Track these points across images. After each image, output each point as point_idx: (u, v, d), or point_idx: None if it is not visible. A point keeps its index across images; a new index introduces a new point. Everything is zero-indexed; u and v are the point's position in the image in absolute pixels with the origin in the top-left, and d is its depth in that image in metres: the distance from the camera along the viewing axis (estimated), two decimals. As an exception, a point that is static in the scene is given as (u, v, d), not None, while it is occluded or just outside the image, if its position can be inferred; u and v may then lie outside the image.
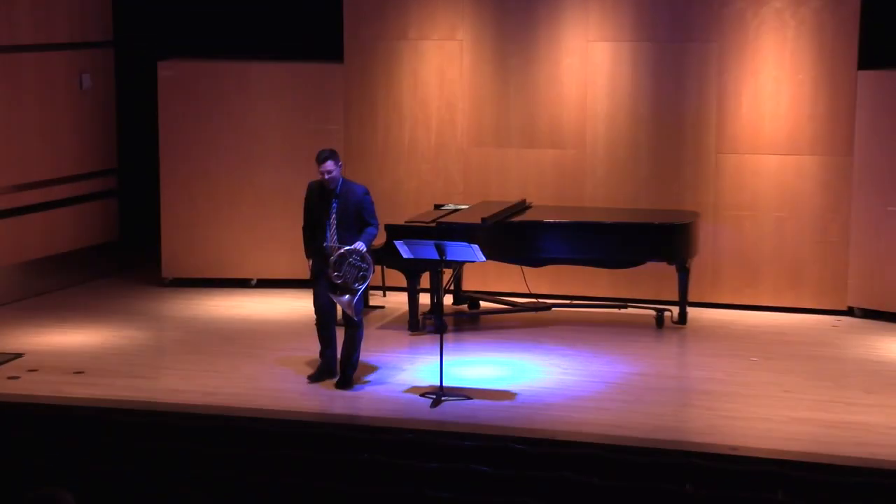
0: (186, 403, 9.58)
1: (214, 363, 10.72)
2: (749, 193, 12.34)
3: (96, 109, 13.70)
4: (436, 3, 12.91)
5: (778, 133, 12.22)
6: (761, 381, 10.22)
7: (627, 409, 9.52)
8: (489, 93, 12.86)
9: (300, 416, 9.25)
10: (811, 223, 12.24)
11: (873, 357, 10.94)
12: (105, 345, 11.29)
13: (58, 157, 13.23)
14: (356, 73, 13.13)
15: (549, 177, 12.76)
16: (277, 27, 13.80)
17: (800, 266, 12.30)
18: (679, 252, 11.68)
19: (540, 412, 9.48)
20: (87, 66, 13.57)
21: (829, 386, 10.11)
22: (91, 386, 10.06)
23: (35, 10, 12.87)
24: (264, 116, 13.20)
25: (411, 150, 13.08)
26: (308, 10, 13.63)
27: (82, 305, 12.66)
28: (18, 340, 11.33)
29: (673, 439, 8.80)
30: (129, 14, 14.00)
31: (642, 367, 10.64)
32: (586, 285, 12.54)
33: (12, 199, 12.73)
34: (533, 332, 11.70)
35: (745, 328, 11.86)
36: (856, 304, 12.20)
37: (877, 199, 11.99)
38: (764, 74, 12.23)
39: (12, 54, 12.65)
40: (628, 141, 12.57)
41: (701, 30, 12.32)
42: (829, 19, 12.03)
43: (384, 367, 10.61)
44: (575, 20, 12.58)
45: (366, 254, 9.78)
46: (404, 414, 9.37)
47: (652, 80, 12.47)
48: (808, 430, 9.03)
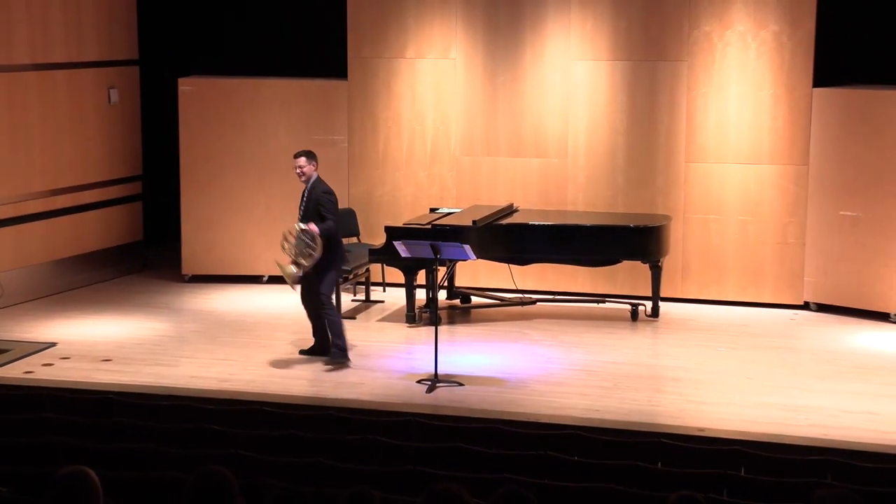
0: (204, 388, 9.59)
1: (229, 352, 10.73)
2: (715, 199, 12.36)
3: (123, 122, 13.69)
4: (431, 26, 12.91)
5: (741, 144, 12.24)
6: (726, 369, 10.25)
7: (605, 395, 9.54)
8: (480, 107, 12.87)
9: (307, 401, 9.28)
10: (771, 226, 12.26)
11: (826, 347, 10.96)
12: (130, 335, 11.29)
13: (88, 164, 13.22)
14: (359, 89, 13.13)
15: (534, 183, 12.77)
16: (288, 47, 13.81)
17: (761, 264, 12.32)
18: (652, 252, 11.69)
19: (525, 397, 9.49)
20: (115, 82, 13.56)
21: (787, 373, 10.15)
22: (117, 373, 10.08)
23: (67, 32, 12.86)
24: (275, 128, 13.19)
25: (409, 158, 13.08)
26: (315, 32, 13.64)
27: (109, 300, 12.65)
28: (52, 331, 11.33)
29: (646, 422, 8.83)
30: (152, 35, 14.00)
31: (618, 357, 10.65)
32: (568, 282, 12.55)
33: (47, 203, 12.72)
34: (519, 325, 11.70)
35: (711, 321, 11.87)
36: (811, 299, 12.22)
37: (830, 204, 12.00)
38: (728, 91, 12.24)
39: (47, 71, 12.65)
40: (606, 151, 12.57)
41: (672, 50, 12.33)
42: (786, 42, 12.05)
43: (384, 357, 10.62)
44: (557, 41, 12.58)
45: (317, 237, 10.02)
46: (402, 399, 9.40)
47: (627, 95, 12.48)
48: (767, 413, 9.05)
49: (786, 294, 12.28)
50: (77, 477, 4.84)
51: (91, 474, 4.86)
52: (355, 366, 10.28)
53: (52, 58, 12.72)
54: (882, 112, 11.68)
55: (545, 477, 7.11)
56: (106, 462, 6.55)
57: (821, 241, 12.10)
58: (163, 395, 9.32)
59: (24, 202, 12.47)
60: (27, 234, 12.51)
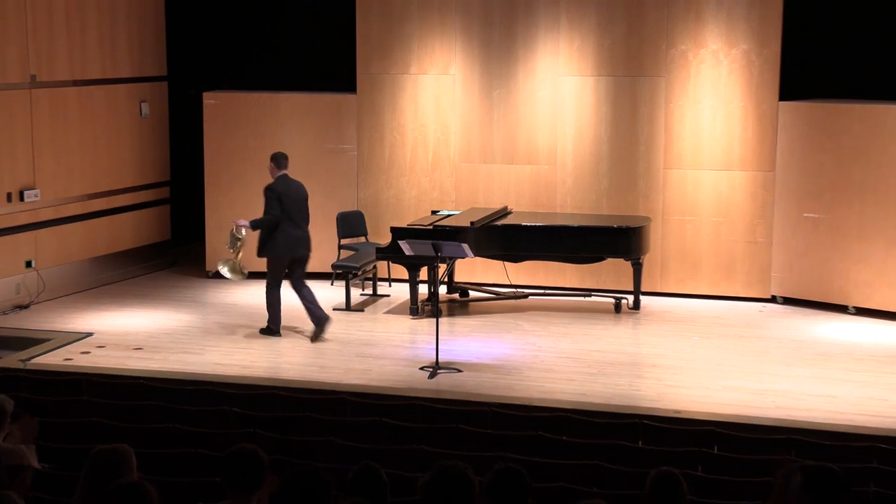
0: (226, 374, 9.61)
1: (249, 342, 10.75)
2: (691, 202, 12.37)
3: (153, 132, 13.71)
4: (433, 44, 12.92)
5: (714, 152, 12.25)
6: (700, 357, 10.26)
7: (591, 380, 9.55)
8: (477, 118, 12.87)
9: (320, 386, 9.27)
10: (741, 226, 12.27)
11: (791, 336, 10.97)
12: (159, 326, 11.30)
13: (121, 171, 13.23)
14: (367, 102, 13.13)
15: (526, 187, 12.78)
16: (302, 64, 13.81)
17: (732, 261, 12.33)
18: (633, 250, 11.69)
19: (519, 382, 9.50)
20: (146, 97, 13.57)
21: (755, 360, 10.16)
22: (148, 360, 10.10)
23: (103, 52, 12.88)
24: (290, 138, 13.19)
25: (412, 165, 13.09)
26: (327, 50, 13.64)
27: (140, 293, 12.66)
28: (88, 322, 11.34)
29: (628, 405, 8.85)
30: (179, 54, 14.01)
31: (603, 346, 10.65)
32: (557, 277, 12.56)
33: (85, 206, 12.74)
34: (513, 317, 11.71)
35: (687, 313, 11.87)
36: (777, 293, 12.23)
37: (794, 206, 12.02)
38: (702, 104, 12.25)
39: (85, 87, 12.67)
40: (592, 158, 12.58)
41: (651, 67, 12.34)
42: (755, 60, 12.06)
43: (390, 346, 10.64)
44: (547, 58, 12.59)
45: (243, 229, 10.93)
46: (407, 384, 9.40)
47: (611, 108, 12.48)
48: (738, 397, 9.07)
49: (754, 288, 12.29)
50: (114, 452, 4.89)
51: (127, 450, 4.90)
52: (364, 354, 10.29)
53: (90, 75, 12.74)
54: (840, 124, 11.68)
55: (537, 455, 7.13)
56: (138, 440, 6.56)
57: (786, 240, 12.11)
58: (189, 380, 9.34)
59: (65, 205, 12.49)
60: (67, 234, 12.54)
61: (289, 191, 10.62)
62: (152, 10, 13.63)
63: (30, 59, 11.95)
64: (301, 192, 10.75)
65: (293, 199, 10.63)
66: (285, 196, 10.55)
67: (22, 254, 12.00)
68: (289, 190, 10.63)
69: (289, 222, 10.59)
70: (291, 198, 10.62)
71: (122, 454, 4.89)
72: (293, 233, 10.62)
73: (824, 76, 12.28)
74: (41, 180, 12.15)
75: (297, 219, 10.63)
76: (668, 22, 12.23)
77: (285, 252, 10.64)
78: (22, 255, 12.00)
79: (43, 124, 12.14)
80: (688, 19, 12.20)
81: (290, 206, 10.56)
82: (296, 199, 10.67)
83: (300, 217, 10.67)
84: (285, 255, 10.65)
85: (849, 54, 12.20)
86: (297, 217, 10.64)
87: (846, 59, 12.22)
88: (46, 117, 12.18)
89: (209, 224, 13.31)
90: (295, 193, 10.68)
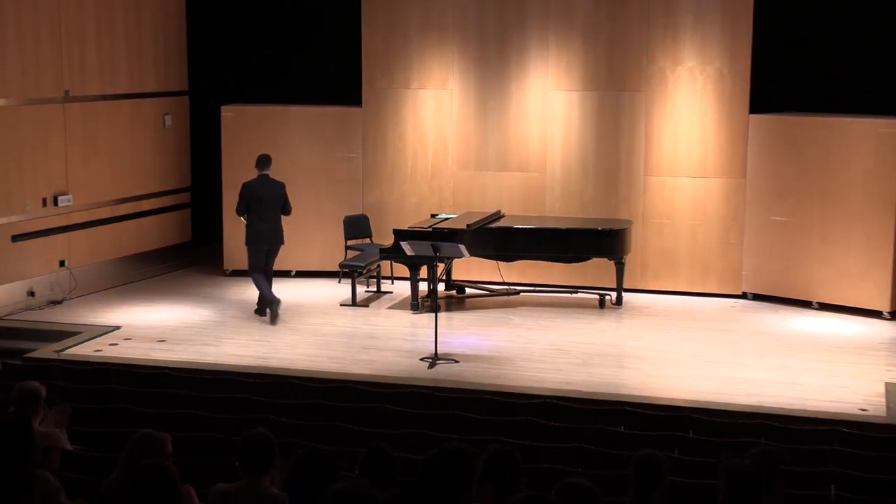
0: (242, 365, 9.61)
1: (264, 335, 10.74)
2: (668, 206, 12.37)
3: (175, 142, 13.70)
4: (432, 62, 12.92)
5: (690, 161, 12.25)
6: (677, 348, 10.28)
7: (577, 370, 9.56)
8: (472, 129, 12.87)
9: (329, 375, 9.28)
10: (715, 229, 12.27)
11: (761, 329, 10.99)
12: (180, 320, 11.30)
13: (146, 178, 13.22)
14: (371, 115, 13.13)
15: (517, 193, 12.77)
16: (312, 80, 13.80)
17: (707, 261, 12.34)
18: (616, 250, 11.69)
19: (511, 372, 9.51)
20: (169, 110, 13.56)
21: (728, 351, 10.17)
22: (170, 351, 10.10)
23: (130, 69, 12.87)
24: (301, 147, 13.19)
25: (413, 172, 13.09)
26: (335, 67, 13.64)
27: (163, 290, 12.66)
28: (116, 316, 11.34)
29: (611, 392, 8.86)
30: (199, 70, 14.00)
31: (588, 338, 10.66)
32: (546, 275, 12.54)
33: (113, 210, 12.73)
34: (506, 312, 11.71)
35: (665, 308, 11.88)
36: (748, 290, 12.24)
37: (763, 210, 12.02)
38: (679, 117, 12.25)
39: (114, 101, 12.66)
40: (578, 166, 12.58)
41: (632, 83, 12.34)
42: (727, 76, 12.07)
43: (392, 338, 10.64)
44: (537, 75, 12.59)
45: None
46: (408, 373, 9.40)
47: (595, 120, 12.49)
48: (712, 385, 9.08)
49: (727, 286, 12.29)
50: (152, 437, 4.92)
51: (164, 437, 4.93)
52: (368, 346, 10.30)
53: (118, 90, 12.73)
54: (805, 135, 11.69)
55: (528, 439, 7.14)
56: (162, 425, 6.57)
57: (756, 241, 12.12)
58: (208, 369, 9.35)
59: (95, 209, 12.48)
60: (97, 235, 12.52)
61: (260, 189, 11.07)
62: (175, 30, 13.63)
63: (63, 76, 11.95)
64: (274, 191, 11.14)
65: (264, 197, 11.07)
66: (255, 194, 11.05)
67: (56, 254, 11.99)
68: (260, 189, 11.08)
69: (256, 217, 11.08)
70: (262, 196, 11.06)
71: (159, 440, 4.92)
72: (258, 226, 11.09)
73: (791, 91, 12.30)
74: (74, 186, 12.14)
75: (265, 215, 11.05)
76: (647, 41, 12.24)
77: (256, 242, 11.12)
78: (56, 256, 11.99)
79: (75, 135, 12.13)
80: (665, 39, 12.20)
81: (258, 203, 11.05)
82: (267, 197, 11.09)
83: (269, 213, 11.07)
84: (257, 245, 11.12)
85: (814, 71, 12.20)
86: (266, 213, 11.06)
87: (811, 75, 12.23)
88: (79, 129, 12.18)
89: (226, 226, 13.29)
90: (267, 192, 11.09)
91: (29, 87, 11.57)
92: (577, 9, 12.40)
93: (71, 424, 6.56)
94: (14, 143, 11.39)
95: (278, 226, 11.18)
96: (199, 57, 13.98)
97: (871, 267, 11.28)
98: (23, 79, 11.48)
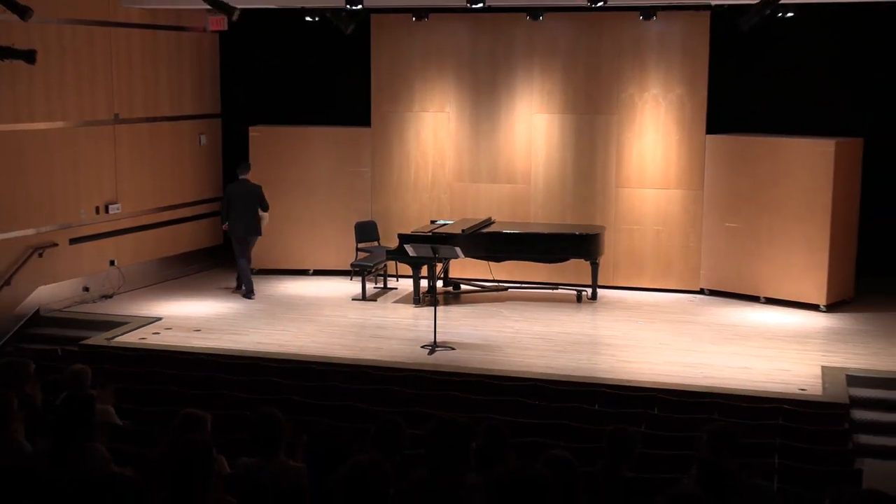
0: (267, 351, 9.62)
1: (285, 325, 10.74)
2: (637, 214, 12.39)
3: (209, 158, 13.69)
4: (432, 88, 12.92)
5: (655, 174, 12.27)
6: (644, 337, 10.29)
7: (557, 356, 9.56)
8: (467, 146, 12.88)
9: (342, 360, 9.29)
10: (676, 234, 12.29)
11: (716, 321, 10.99)
12: (214, 312, 11.31)
13: (184, 189, 13.22)
14: (379, 134, 13.14)
15: (506, 202, 12.78)
16: (328, 104, 13.79)
17: (669, 261, 12.36)
18: (592, 252, 11.70)
19: (500, 358, 9.51)
20: (204, 130, 13.56)
21: (688, 340, 10.18)
22: (205, 339, 10.11)
23: (171, 95, 12.88)
24: (318, 162, 13.20)
25: (415, 184, 13.10)
26: (347, 93, 13.63)
27: (199, 286, 12.65)
28: (158, 309, 11.35)
29: (587, 375, 8.86)
30: (230, 96, 13.99)
31: (567, 328, 10.67)
32: (530, 274, 12.54)
33: (154, 217, 12.74)
34: (495, 305, 11.72)
35: (634, 302, 11.88)
36: (705, 287, 12.25)
37: (718, 218, 12.04)
38: (646, 136, 12.27)
39: (156, 123, 12.67)
40: (558, 178, 12.60)
41: (606, 107, 12.36)
42: (687, 102, 12.09)
43: (397, 328, 10.64)
44: (524, 99, 12.61)
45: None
46: (411, 359, 9.40)
47: (573, 139, 12.50)
48: (674, 369, 9.10)
49: (687, 283, 12.31)
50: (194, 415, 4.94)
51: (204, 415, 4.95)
52: (376, 335, 10.30)
53: (160, 113, 12.74)
54: (754, 153, 11.70)
55: (515, 416, 7.16)
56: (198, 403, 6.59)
57: (711, 244, 12.14)
58: (237, 355, 9.35)
59: (140, 216, 12.49)
60: (142, 238, 12.52)
61: (236, 190, 11.84)
62: (209, 61, 13.64)
63: (114, 102, 11.96)
64: (248, 192, 11.82)
65: (240, 197, 11.79)
66: (233, 195, 11.83)
67: (107, 255, 11.99)
68: (236, 189, 11.84)
69: (235, 213, 11.77)
70: (238, 196, 11.80)
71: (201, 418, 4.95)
72: (236, 223, 11.82)
73: (742, 115, 12.31)
74: (122, 197, 12.15)
75: (241, 212, 11.78)
76: (618, 72, 12.25)
77: (235, 234, 11.87)
78: (107, 256, 12.00)
79: (123, 152, 12.14)
80: (634, 69, 12.22)
81: (236, 202, 11.78)
82: (241, 197, 11.79)
83: (244, 211, 11.78)
84: (237, 236, 11.87)
85: (761, 98, 12.23)
86: (241, 211, 11.78)
87: (759, 102, 12.25)
88: (126, 147, 12.19)
89: (254, 231, 13.31)
90: (242, 193, 11.81)
91: (84, 112, 11.59)
92: (558, 43, 12.42)
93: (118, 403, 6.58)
94: (71, 160, 11.41)
95: (253, 221, 11.83)
96: (230, 84, 13.99)
97: (810, 267, 11.30)
98: (79, 104, 11.49)
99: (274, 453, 4.66)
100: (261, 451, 4.66)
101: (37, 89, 10.89)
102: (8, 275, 10.65)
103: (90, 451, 4.74)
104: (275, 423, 4.69)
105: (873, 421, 8.25)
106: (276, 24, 12.99)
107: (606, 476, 4.79)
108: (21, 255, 10.84)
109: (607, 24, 12.16)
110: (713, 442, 5.01)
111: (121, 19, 11.99)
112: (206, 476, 4.02)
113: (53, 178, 11.20)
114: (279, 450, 4.67)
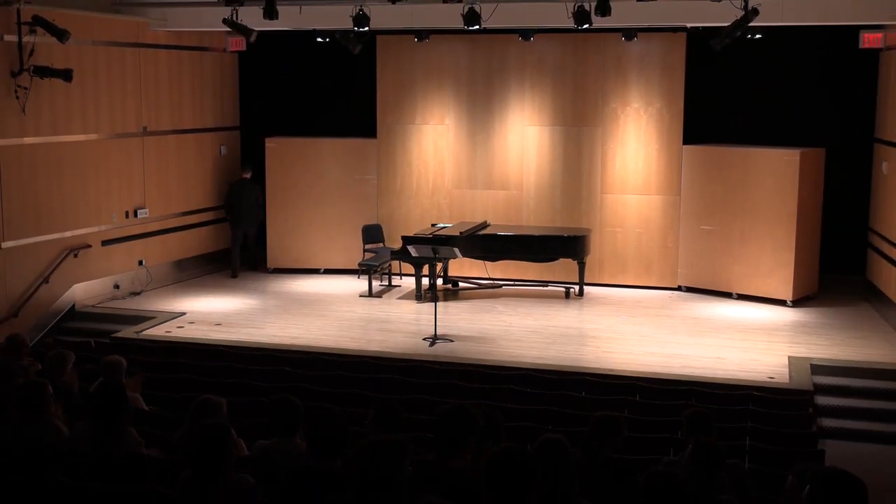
0: (281, 343, 9.61)
1: (298, 320, 10.74)
2: (620, 217, 12.39)
3: (229, 167, 13.68)
4: (433, 102, 12.93)
5: (637, 181, 12.27)
6: (627, 331, 10.28)
7: (547, 347, 9.57)
8: (464, 156, 12.88)
9: (350, 352, 9.28)
10: (657, 235, 12.29)
11: (692, 315, 10.99)
12: (232, 308, 11.30)
13: (207, 194, 13.22)
14: (384, 144, 13.14)
15: (500, 207, 12.78)
16: (336, 116, 13.81)
17: (650, 261, 12.36)
18: (579, 252, 11.70)
19: (495, 349, 9.52)
20: (224, 141, 13.56)
21: (667, 333, 10.18)
22: (224, 332, 10.10)
23: (194, 109, 12.89)
24: (328, 170, 13.20)
25: (417, 190, 13.10)
26: (354, 107, 13.65)
27: (219, 284, 12.65)
28: (181, 304, 11.35)
29: (574, 365, 8.86)
30: (248, 110, 14.01)
31: (556, 322, 10.67)
32: (523, 272, 12.55)
33: (179, 220, 12.73)
34: (491, 301, 11.72)
35: (617, 298, 11.88)
36: (682, 284, 12.26)
37: (694, 221, 12.04)
38: (628, 146, 12.28)
39: (181, 135, 12.67)
40: (548, 185, 12.60)
41: (591, 119, 12.37)
42: (665, 115, 12.10)
43: (401, 322, 10.64)
44: (516, 112, 12.62)
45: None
46: (413, 350, 9.40)
47: (562, 149, 12.51)
48: (654, 360, 9.10)
49: (666, 280, 12.31)
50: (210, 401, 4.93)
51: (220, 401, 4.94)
52: (381, 328, 10.29)
53: (184, 125, 12.74)
54: (727, 162, 11.71)
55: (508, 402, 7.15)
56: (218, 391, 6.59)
57: (688, 245, 12.14)
58: (254, 347, 9.35)
59: (167, 219, 12.49)
60: (168, 240, 12.52)
61: (236, 189, 12.81)
62: (229, 78, 13.64)
63: (142, 115, 11.97)
64: (247, 190, 12.81)
65: (239, 195, 12.76)
66: (234, 193, 12.80)
67: (136, 255, 11.99)
68: (237, 188, 12.82)
69: (237, 209, 12.77)
70: (238, 194, 12.78)
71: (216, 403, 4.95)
72: (235, 215, 12.80)
73: (716, 127, 12.33)
74: (150, 202, 12.15)
75: (241, 208, 12.77)
76: (603, 87, 12.26)
77: (233, 224, 12.87)
78: (136, 256, 12.00)
79: (151, 162, 12.15)
80: (617, 84, 12.23)
81: (236, 199, 12.76)
82: (240, 195, 12.76)
83: (244, 206, 12.76)
84: (235, 226, 12.85)
85: (734, 111, 12.25)
86: (241, 206, 12.76)
87: (732, 114, 12.27)
88: (153, 157, 12.19)
89: (269, 233, 13.31)
90: (241, 191, 12.78)
91: (116, 125, 11.59)
92: (547, 62, 12.43)
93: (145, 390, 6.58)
94: (103, 169, 11.41)
95: (252, 214, 12.85)
96: (249, 99, 13.99)
97: (778, 266, 11.31)
98: (111, 118, 11.49)
99: (291, 436, 4.65)
100: (278, 433, 4.66)
101: (73, 105, 10.90)
102: (46, 274, 10.66)
103: (126, 435, 4.76)
104: (292, 408, 4.69)
105: (835, 406, 8.28)
106: (290, 45, 13.01)
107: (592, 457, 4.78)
108: (58, 256, 10.85)
109: (592, 44, 12.17)
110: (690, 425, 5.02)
111: (149, 41, 11.99)
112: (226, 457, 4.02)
113: (87, 185, 11.20)
114: (296, 433, 4.67)
